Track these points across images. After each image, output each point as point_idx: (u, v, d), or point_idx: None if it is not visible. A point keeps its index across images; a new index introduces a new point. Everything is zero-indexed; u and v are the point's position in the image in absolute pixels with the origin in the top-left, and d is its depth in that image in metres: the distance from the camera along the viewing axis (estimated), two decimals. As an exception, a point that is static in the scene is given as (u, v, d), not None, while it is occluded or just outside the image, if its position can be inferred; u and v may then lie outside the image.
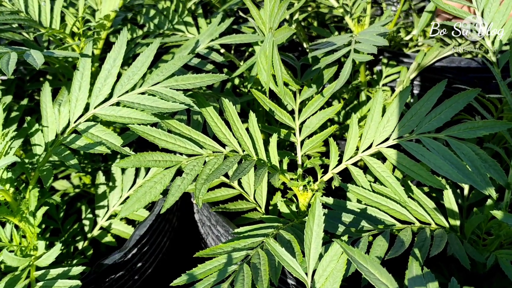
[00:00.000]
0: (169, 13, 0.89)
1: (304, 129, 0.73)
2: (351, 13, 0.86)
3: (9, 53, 0.56)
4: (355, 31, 0.85)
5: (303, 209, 0.69)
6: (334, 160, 0.68)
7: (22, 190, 0.64)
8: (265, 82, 0.62)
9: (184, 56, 0.62)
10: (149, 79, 0.60)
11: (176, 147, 0.60)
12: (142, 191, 0.56)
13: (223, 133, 0.64)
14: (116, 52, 0.60)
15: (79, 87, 0.60)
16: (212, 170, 0.58)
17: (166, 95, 0.58)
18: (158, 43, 0.61)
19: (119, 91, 0.60)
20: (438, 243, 0.58)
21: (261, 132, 0.73)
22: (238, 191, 0.73)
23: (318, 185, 0.67)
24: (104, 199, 0.76)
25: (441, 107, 0.62)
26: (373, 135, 0.66)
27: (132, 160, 0.56)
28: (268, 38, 0.60)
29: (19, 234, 0.64)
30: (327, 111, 0.73)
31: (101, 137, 0.58)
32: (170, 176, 0.57)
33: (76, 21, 0.73)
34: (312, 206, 0.51)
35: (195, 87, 0.60)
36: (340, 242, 0.47)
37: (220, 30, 0.77)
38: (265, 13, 0.66)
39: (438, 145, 0.60)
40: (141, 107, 0.58)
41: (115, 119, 0.58)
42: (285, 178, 0.67)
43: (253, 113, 0.66)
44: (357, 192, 0.63)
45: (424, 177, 0.59)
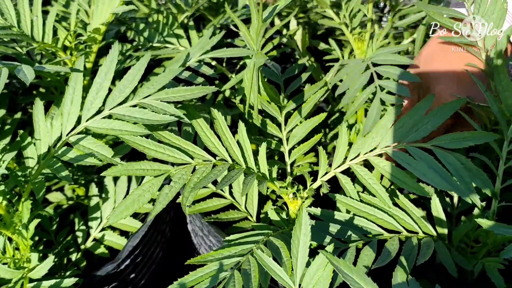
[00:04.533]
0: (159, 26, 0.91)
1: (291, 138, 0.75)
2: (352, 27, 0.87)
3: (0, 69, 0.57)
4: (354, 46, 0.86)
5: (293, 217, 0.70)
6: (323, 168, 0.69)
7: (15, 202, 0.65)
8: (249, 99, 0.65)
9: (175, 69, 0.63)
10: (140, 92, 0.61)
11: (165, 157, 0.61)
12: (131, 199, 0.57)
13: (212, 142, 0.65)
14: (107, 66, 0.62)
15: (71, 101, 0.61)
16: (200, 179, 0.59)
17: (157, 107, 0.59)
18: (149, 57, 0.62)
19: (110, 104, 0.61)
20: (425, 252, 0.59)
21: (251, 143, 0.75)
22: (229, 201, 0.73)
23: (307, 192, 0.68)
24: (97, 210, 0.77)
25: (427, 117, 0.64)
26: (361, 144, 0.67)
27: (121, 169, 0.57)
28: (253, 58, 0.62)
29: (12, 247, 0.65)
30: (312, 121, 0.75)
31: (92, 149, 0.59)
32: (158, 185, 0.58)
33: (68, 35, 0.74)
34: (299, 216, 0.52)
35: (185, 99, 0.61)
36: (325, 252, 0.48)
37: (212, 44, 0.78)
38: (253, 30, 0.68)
39: (423, 154, 0.61)
40: (133, 119, 0.59)
41: (106, 132, 0.59)
42: (274, 186, 0.68)
43: (242, 122, 0.67)
44: (345, 202, 0.64)
45: (409, 185, 0.61)
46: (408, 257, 0.59)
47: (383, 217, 0.63)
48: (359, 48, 0.89)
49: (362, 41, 0.89)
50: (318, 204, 0.67)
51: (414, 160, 0.61)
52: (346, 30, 0.89)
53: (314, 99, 0.77)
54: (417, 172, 0.60)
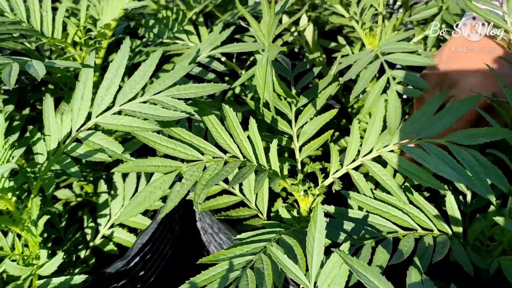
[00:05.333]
0: (169, 22, 0.90)
1: (302, 135, 0.74)
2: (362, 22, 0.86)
3: (11, 64, 0.56)
4: (366, 41, 0.85)
5: (304, 214, 0.69)
6: (335, 164, 0.68)
7: (24, 199, 0.64)
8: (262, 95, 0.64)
9: (186, 66, 0.62)
10: (151, 88, 0.60)
11: (176, 153, 0.60)
12: (142, 196, 0.56)
13: (223, 139, 0.64)
14: (118, 61, 0.61)
15: (81, 96, 0.60)
16: (212, 176, 0.58)
17: (168, 104, 0.59)
18: (160, 52, 0.62)
19: (121, 100, 0.60)
20: (441, 250, 0.58)
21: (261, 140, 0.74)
22: (239, 198, 0.73)
23: (319, 189, 0.67)
24: (106, 207, 0.76)
25: (442, 114, 0.63)
26: (374, 140, 0.66)
27: (131, 165, 0.56)
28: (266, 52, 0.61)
29: (21, 243, 0.64)
30: (323, 117, 0.74)
31: (102, 145, 0.58)
32: (169, 182, 0.58)
33: (78, 30, 0.73)
34: (314, 213, 0.51)
35: (196, 96, 0.60)
36: (339, 251, 0.47)
37: (222, 39, 0.77)
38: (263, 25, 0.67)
39: (438, 150, 0.60)
40: (143, 115, 0.58)
41: (117, 128, 0.58)
42: (285, 183, 0.67)
43: (253, 119, 0.66)
44: (358, 200, 0.63)
45: (424, 179, 0.60)
46: (423, 255, 0.58)
47: (397, 214, 0.62)
48: (371, 43, 0.88)
49: (373, 36, 0.87)
50: (328, 202, 0.67)
51: (428, 155, 0.60)
52: (356, 25, 0.88)
53: (325, 94, 0.76)
54: (432, 167, 0.58)
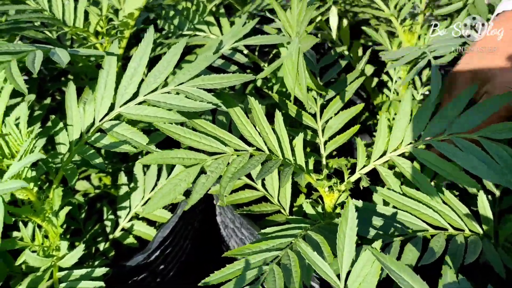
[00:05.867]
0: (190, 13, 0.88)
1: (327, 130, 0.73)
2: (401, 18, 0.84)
3: (35, 51, 0.55)
4: (404, 38, 0.83)
5: (329, 211, 0.67)
6: (362, 160, 0.66)
7: (45, 189, 0.63)
8: (291, 88, 0.62)
9: (210, 56, 0.61)
10: (176, 78, 0.59)
11: (201, 145, 0.59)
12: (167, 189, 0.55)
13: (249, 131, 0.62)
14: (142, 50, 0.59)
15: (104, 85, 0.59)
16: (237, 169, 0.57)
17: (193, 94, 0.57)
18: (184, 42, 0.60)
19: (145, 90, 0.59)
20: (473, 250, 0.56)
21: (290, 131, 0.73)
22: (262, 193, 0.71)
23: (346, 185, 0.65)
24: (126, 200, 0.75)
25: (473, 110, 0.61)
26: (402, 134, 0.64)
27: (156, 157, 0.55)
28: (295, 44, 0.59)
29: (42, 234, 0.63)
30: (349, 111, 0.73)
31: (126, 136, 0.57)
32: (194, 174, 0.56)
33: (100, 20, 0.72)
34: (345, 209, 0.49)
35: (221, 87, 0.58)
36: (371, 248, 0.45)
37: (245, 31, 0.75)
38: (292, 16, 0.65)
39: (470, 145, 0.58)
40: (168, 106, 0.56)
41: (141, 118, 0.57)
42: (311, 178, 0.65)
43: (279, 112, 0.65)
44: (387, 195, 0.61)
45: (457, 177, 0.58)
46: (454, 255, 0.56)
47: (427, 212, 0.60)
48: (409, 41, 0.85)
49: (412, 33, 0.85)
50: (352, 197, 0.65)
51: (461, 151, 0.58)
52: (395, 21, 0.85)
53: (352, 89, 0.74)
54: (466, 164, 0.57)
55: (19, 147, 0.57)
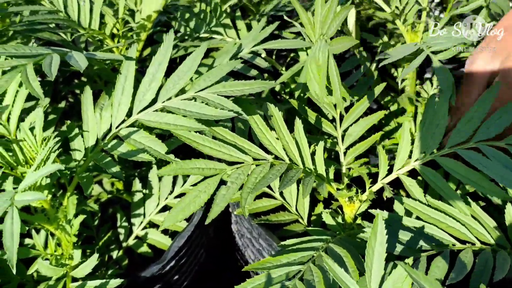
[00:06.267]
0: (206, 16, 0.87)
1: (347, 137, 0.70)
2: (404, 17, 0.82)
3: (51, 55, 0.54)
4: (407, 38, 0.81)
5: (349, 221, 0.65)
6: (384, 169, 0.64)
7: (59, 196, 0.62)
8: (316, 93, 0.60)
9: (232, 61, 0.59)
10: (196, 85, 0.57)
11: (220, 154, 0.57)
12: (187, 201, 0.53)
13: (268, 140, 0.61)
14: (162, 55, 0.58)
15: (122, 90, 0.57)
16: (258, 179, 0.55)
17: (214, 101, 0.55)
18: (205, 47, 0.58)
19: (163, 96, 0.57)
20: (501, 266, 0.54)
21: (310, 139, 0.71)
22: (280, 202, 0.69)
23: (367, 195, 0.63)
24: (140, 207, 0.73)
25: (499, 113, 0.59)
26: (426, 142, 0.62)
27: (175, 168, 0.54)
28: (320, 46, 0.57)
29: (54, 242, 0.62)
30: (370, 118, 0.71)
31: (144, 144, 0.55)
32: (214, 185, 0.55)
33: (117, 22, 0.70)
34: (374, 223, 0.47)
35: (243, 94, 0.57)
36: (404, 265, 0.43)
37: (265, 35, 0.73)
38: (315, 19, 0.63)
39: (498, 154, 0.56)
40: (187, 113, 0.55)
41: (159, 126, 0.55)
42: (331, 188, 0.63)
43: (299, 119, 0.63)
44: (413, 206, 0.59)
45: (486, 188, 0.56)
46: (482, 271, 0.53)
47: (454, 225, 0.58)
48: (412, 40, 0.83)
49: (415, 33, 0.83)
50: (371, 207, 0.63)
51: (488, 160, 0.56)
52: (398, 21, 0.83)
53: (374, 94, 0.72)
54: (494, 174, 0.55)
55: (34, 154, 0.56)
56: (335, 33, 0.92)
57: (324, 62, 0.58)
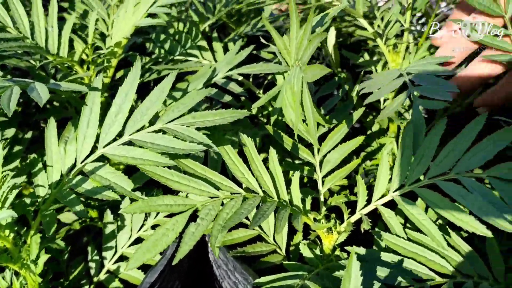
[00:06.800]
0: (181, 37, 0.85)
1: (325, 164, 0.68)
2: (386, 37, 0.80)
3: (11, 88, 0.51)
4: (389, 58, 0.79)
5: (328, 252, 0.63)
6: (362, 199, 0.62)
7: (23, 234, 0.59)
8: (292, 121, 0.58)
9: (203, 90, 0.57)
10: (164, 116, 0.55)
11: (190, 189, 0.55)
12: (153, 240, 0.51)
13: (241, 172, 0.58)
14: (128, 85, 0.55)
15: (87, 123, 0.55)
16: (230, 215, 0.53)
17: (183, 133, 0.53)
18: (175, 74, 0.56)
19: (131, 129, 0.54)
20: (484, 300, 0.52)
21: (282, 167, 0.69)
22: (256, 232, 0.67)
23: (345, 227, 0.61)
24: (112, 239, 0.70)
25: (482, 144, 0.57)
26: (405, 173, 0.60)
27: (141, 206, 0.51)
28: (295, 72, 0.55)
29: (20, 282, 0.59)
30: (349, 144, 0.69)
31: (110, 180, 0.52)
32: (183, 222, 0.52)
33: (86, 48, 0.68)
34: (348, 263, 0.45)
35: (214, 124, 0.54)
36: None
37: (240, 58, 0.72)
38: (290, 42, 0.61)
39: (480, 186, 0.54)
40: (155, 147, 0.52)
41: (125, 160, 0.52)
42: (308, 219, 0.61)
43: (273, 149, 0.61)
44: (391, 241, 0.57)
45: (465, 222, 0.53)
46: (464, 307, 0.52)
47: (434, 258, 0.56)
48: (394, 61, 0.82)
49: (397, 53, 0.81)
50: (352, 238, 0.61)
51: (469, 193, 0.54)
52: (380, 41, 0.82)
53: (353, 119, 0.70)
54: (473, 207, 0.53)
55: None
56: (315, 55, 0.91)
57: (298, 90, 0.56)
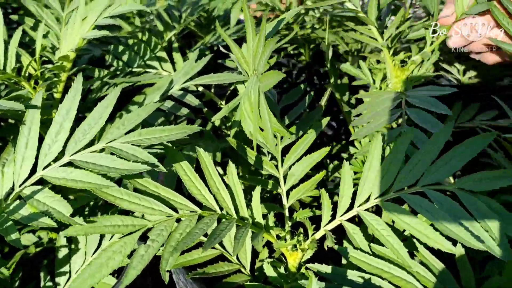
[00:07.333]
0: (140, 48, 0.81)
1: (290, 177, 0.66)
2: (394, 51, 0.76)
3: None
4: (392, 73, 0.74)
5: (293, 270, 0.60)
6: (327, 214, 0.59)
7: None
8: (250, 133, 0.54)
9: (151, 104, 0.53)
10: (108, 134, 0.51)
11: (141, 208, 0.51)
12: (97, 264, 0.48)
13: (197, 189, 0.55)
14: (69, 101, 0.52)
15: (25, 144, 0.51)
16: (183, 235, 0.49)
17: (127, 152, 0.50)
18: (118, 92, 0.52)
19: (72, 149, 0.51)
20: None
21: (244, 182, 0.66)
22: (218, 251, 0.63)
23: (309, 244, 0.58)
24: (66, 264, 0.66)
25: (449, 155, 0.54)
26: (371, 186, 0.57)
27: (84, 228, 0.47)
28: (252, 82, 0.52)
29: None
30: (313, 156, 0.66)
31: (48, 205, 0.48)
32: (132, 244, 0.49)
33: (32, 61, 0.64)
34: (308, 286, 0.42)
35: (162, 141, 0.51)
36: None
37: (198, 68, 0.68)
38: (248, 52, 0.58)
39: (446, 200, 0.52)
40: (97, 168, 0.48)
41: (65, 183, 0.48)
42: (271, 237, 0.58)
43: (232, 164, 0.57)
44: (356, 257, 0.54)
45: (432, 239, 0.51)
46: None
47: (400, 275, 0.53)
48: (398, 77, 0.76)
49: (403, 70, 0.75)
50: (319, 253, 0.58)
51: (435, 207, 0.51)
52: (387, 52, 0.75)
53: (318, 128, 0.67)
54: (439, 224, 0.50)
55: None
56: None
57: (256, 101, 0.53)
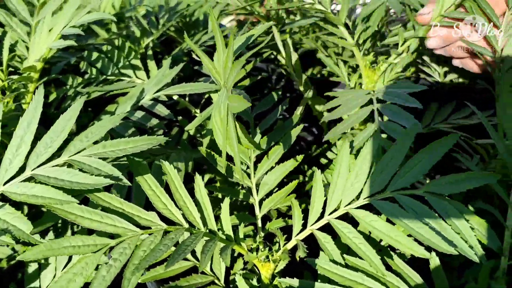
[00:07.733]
0: (114, 56, 0.80)
1: (262, 187, 0.65)
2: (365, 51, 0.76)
3: None
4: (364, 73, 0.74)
5: (266, 282, 0.59)
6: (298, 224, 0.58)
7: None
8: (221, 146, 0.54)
9: (115, 116, 0.52)
10: (71, 147, 0.50)
11: (103, 226, 0.49)
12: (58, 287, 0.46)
13: (163, 203, 0.54)
14: (30, 114, 0.50)
15: (-16, 159, 0.50)
16: (147, 253, 0.48)
17: (91, 166, 0.48)
18: (81, 103, 0.51)
19: (34, 163, 0.49)
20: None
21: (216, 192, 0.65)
22: (192, 263, 0.62)
23: (281, 255, 0.57)
24: (35, 279, 0.64)
25: (416, 158, 0.54)
26: (340, 194, 0.57)
27: (42, 250, 0.46)
28: (222, 96, 0.51)
29: None
30: (285, 165, 0.65)
31: (8, 222, 0.47)
32: (94, 264, 0.47)
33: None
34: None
35: (126, 153, 0.50)
36: None
37: (171, 77, 0.67)
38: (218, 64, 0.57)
39: (416, 204, 0.52)
40: (59, 182, 0.47)
41: (26, 199, 0.47)
42: (241, 249, 0.57)
43: (199, 176, 0.56)
44: (326, 269, 0.53)
45: (404, 244, 0.50)
46: None
47: (374, 286, 0.52)
48: (369, 77, 0.77)
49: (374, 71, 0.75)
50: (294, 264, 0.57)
51: (405, 212, 0.51)
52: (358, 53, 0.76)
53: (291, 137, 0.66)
54: (411, 230, 0.50)
55: None
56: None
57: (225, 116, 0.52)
